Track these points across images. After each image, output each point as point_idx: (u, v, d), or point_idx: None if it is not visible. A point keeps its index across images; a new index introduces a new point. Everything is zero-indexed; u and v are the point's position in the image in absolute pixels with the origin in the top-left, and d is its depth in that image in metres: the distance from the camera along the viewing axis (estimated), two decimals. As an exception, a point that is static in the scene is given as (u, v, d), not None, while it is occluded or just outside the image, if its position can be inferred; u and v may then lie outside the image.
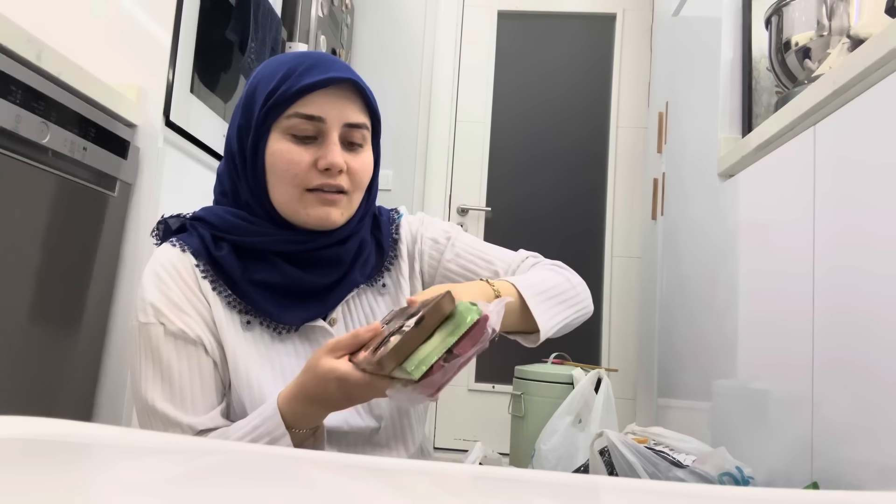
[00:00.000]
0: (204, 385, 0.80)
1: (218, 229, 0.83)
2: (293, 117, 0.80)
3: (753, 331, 1.39)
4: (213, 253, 0.82)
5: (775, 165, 1.34)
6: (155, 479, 0.41)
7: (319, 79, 0.79)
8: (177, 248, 0.84)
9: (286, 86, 0.80)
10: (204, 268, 0.83)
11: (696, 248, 1.87)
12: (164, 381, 0.79)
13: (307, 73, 0.80)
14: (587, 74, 2.99)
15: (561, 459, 1.85)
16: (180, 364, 0.80)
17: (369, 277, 0.91)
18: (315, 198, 0.82)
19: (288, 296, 0.84)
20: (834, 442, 1.03)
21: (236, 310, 0.83)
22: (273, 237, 0.83)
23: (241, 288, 0.83)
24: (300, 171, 0.80)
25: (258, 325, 0.84)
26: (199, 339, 0.81)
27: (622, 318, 2.79)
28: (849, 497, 0.53)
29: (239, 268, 0.82)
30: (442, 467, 0.52)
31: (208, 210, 0.86)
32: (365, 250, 0.90)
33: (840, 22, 1.36)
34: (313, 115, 0.80)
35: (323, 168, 0.80)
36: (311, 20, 2.21)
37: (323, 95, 0.80)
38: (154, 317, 0.80)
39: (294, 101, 0.80)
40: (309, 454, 0.63)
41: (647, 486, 0.60)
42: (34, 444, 0.45)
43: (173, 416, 0.78)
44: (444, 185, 2.92)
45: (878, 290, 0.93)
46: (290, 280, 0.83)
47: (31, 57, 1.06)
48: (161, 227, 0.89)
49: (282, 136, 0.81)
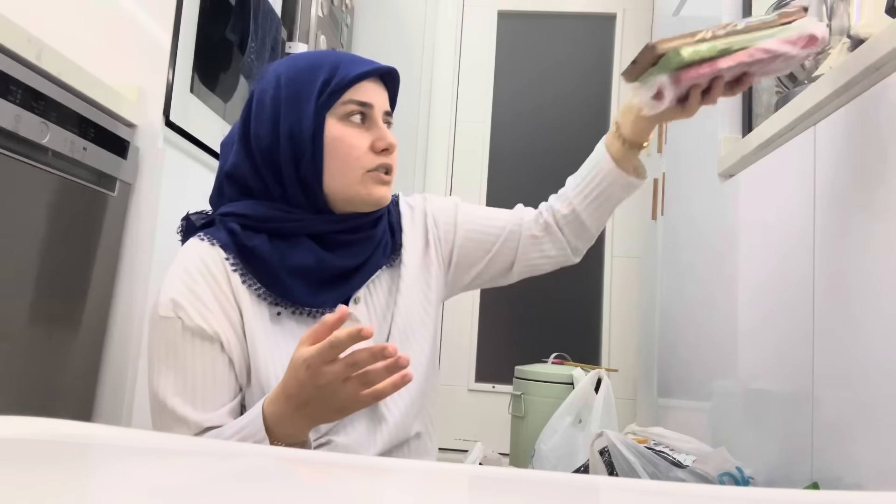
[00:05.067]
0: (216, 382, 0.81)
1: (252, 219, 0.84)
2: (349, 103, 0.86)
3: (753, 331, 1.39)
4: (246, 243, 0.83)
5: (775, 165, 1.34)
6: (154, 479, 0.41)
7: (371, 68, 0.87)
8: (205, 243, 0.84)
9: (341, 75, 0.85)
10: (234, 261, 0.84)
11: (696, 248, 1.87)
12: (178, 377, 0.80)
13: (353, 64, 0.87)
14: (587, 74, 2.99)
15: (561, 459, 1.85)
16: (195, 361, 0.80)
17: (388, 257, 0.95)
18: (373, 178, 0.87)
19: (318, 280, 0.86)
20: (834, 442, 1.03)
21: (266, 302, 0.84)
22: (311, 220, 0.86)
23: (272, 277, 0.83)
24: (361, 154, 0.86)
25: (288, 315, 0.85)
26: (217, 336, 0.81)
27: (622, 318, 2.79)
28: (849, 497, 0.53)
29: (276, 255, 0.83)
30: (442, 467, 0.52)
31: (238, 204, 0.87)
32: (386, 232, 0.95)
33: (840, 22, 1.36)
34: (365, 101, 0.87)
35: (382, 148, 0.87)
36: (311, 20, 2.21)
37: (370, 84, 0.88)
38: (173, 311, 0.80)
39: (349, 88, 0.86)
40: (310, 455, 0.63)
41: (647, 486, 0.60)
42: (34, 444, 0.45)
43: (181, 412, 0.79)
44: (444, 185, 2.91)
45: (879, 290, 0.93)
46: (323, 262, 0.85)
47: (31, 57, 1.05)
48: (184, 223, 0.90)
49: (338, 122, 0.86)
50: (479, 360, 2.82)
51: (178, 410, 0.79)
